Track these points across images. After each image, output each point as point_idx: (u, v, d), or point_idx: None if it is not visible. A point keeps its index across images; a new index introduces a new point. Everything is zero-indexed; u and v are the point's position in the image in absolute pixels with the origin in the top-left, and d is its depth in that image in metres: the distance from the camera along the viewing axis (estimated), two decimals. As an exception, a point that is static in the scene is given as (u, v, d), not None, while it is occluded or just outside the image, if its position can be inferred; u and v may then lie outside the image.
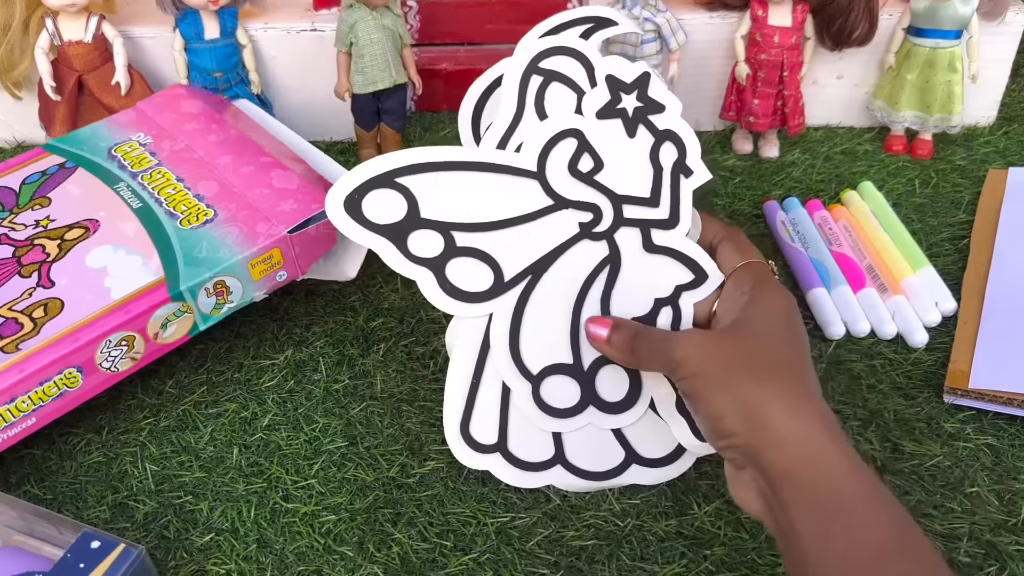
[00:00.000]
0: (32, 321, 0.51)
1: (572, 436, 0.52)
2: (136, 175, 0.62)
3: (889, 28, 0.81)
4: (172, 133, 0.67)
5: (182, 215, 0.58)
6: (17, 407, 0.49)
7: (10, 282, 0.54)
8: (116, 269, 0.55)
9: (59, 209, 0.59)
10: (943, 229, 0.74)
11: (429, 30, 0.88)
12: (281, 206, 0.59)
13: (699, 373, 0.45)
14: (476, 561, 0.50)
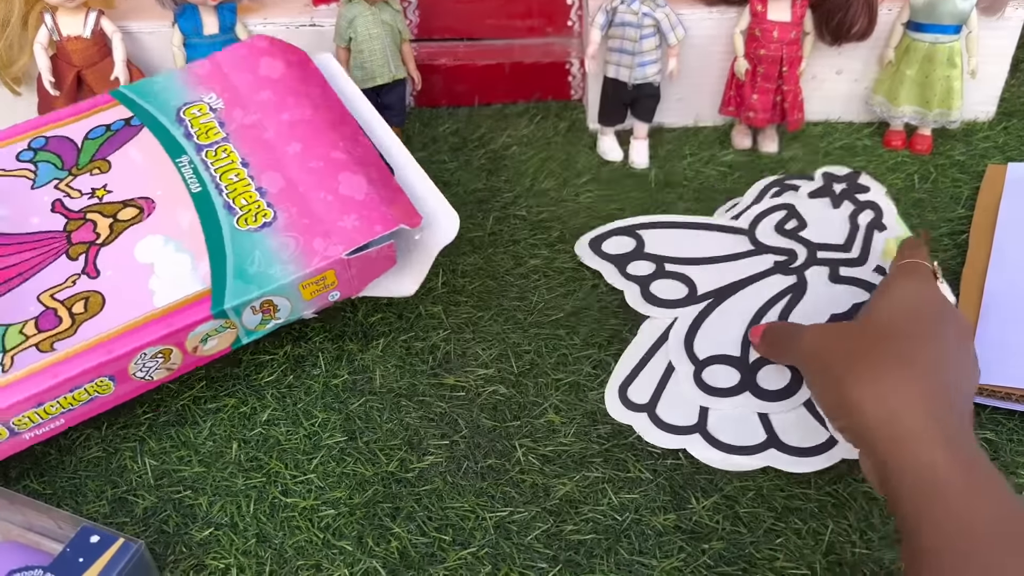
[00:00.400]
0: (71, 317, 0.49)
1: (717, 412, 0.56)
2: (201, 149, 0.57)
3: (888, 23, 0.80)
4: (245, 100, 0.61)
5: (241, 211, 0.54)
6: (46, 410, 0.48)
7: (57, 262, 0.51)
8: (163, 268, 0.52)
9: (117, 178, 0.55)
10: (942, 224, 0.74)
11: (428, 25, 0.88)
12: (343, 221, 0.55)
13: (808, 360, 0.48)
14: (475, 555, 0.50)
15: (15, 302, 0.49)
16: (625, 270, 0.66)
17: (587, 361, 0.62)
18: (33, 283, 0.50)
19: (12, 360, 0.46)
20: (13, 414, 0.45)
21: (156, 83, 0.62)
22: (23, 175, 0.55)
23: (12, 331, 0.47)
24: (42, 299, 0.49)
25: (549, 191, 0.78)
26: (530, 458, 0.55)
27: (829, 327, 0.51)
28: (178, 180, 0.56)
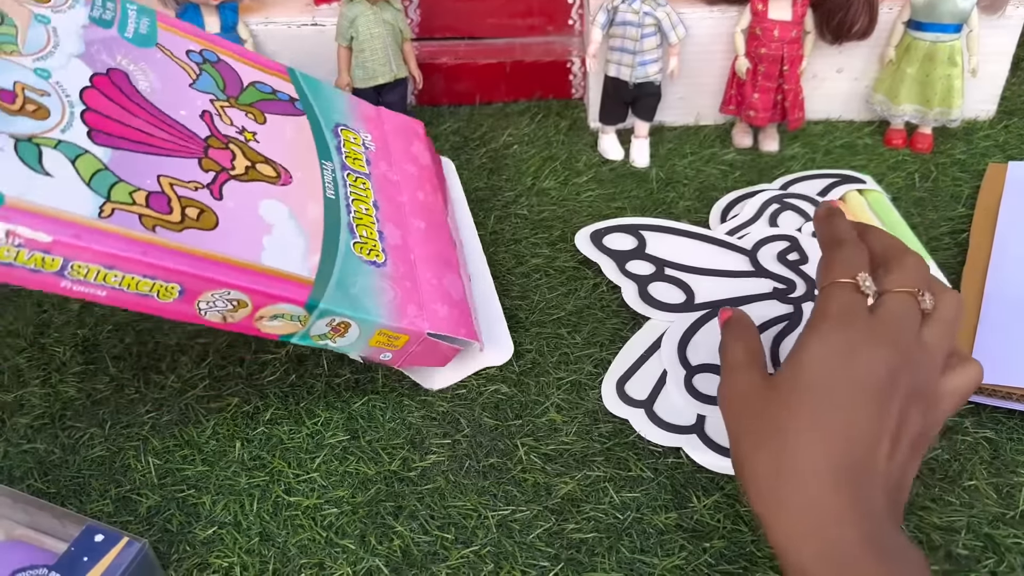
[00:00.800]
0: (182, 215, 0.45)
1: (714, 420, 0.56)
2: (345, 168, 0.57)
3: (889, 22, 0.81)
4: (392, 160, 0.63)
5: (360, 238, 0.54)
6: (108, 275, 0.42)
7: (188, 161, 0.48)
8: (279, 236, 0.49)
9: (267, 136, 0.54)
10: (943, 223, 0.74)
11: (429, 24, 0.88)
12: (437, 306, 0.56)
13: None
14: (477, 554, 0.50)
15: (135, 165, 0.45)
16: (624, 267, 0.66)
17: (588, 360, 0.62)
18: (159, 161, 0.47)
19: (112, 211, 0.42)
20: (82, 258, 0.40)
21: (326, 89, 0.64)
22: (186, 69, 0.53)
23: (122, 187, 0.43)
24: (162, 181, 0.46)
25: (550, 190, 0.79)
26: (532, 457, 0.55)
27: (741, 378, 0.43)
28: (318, 176, 0.55)
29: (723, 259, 0.67)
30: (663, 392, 0.58)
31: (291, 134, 0.56)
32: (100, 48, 0.49)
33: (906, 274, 0.41)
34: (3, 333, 0.65)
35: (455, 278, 0.59)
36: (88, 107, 0.45)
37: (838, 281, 0.41)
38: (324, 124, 0.59)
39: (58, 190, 0.40)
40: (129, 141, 0.46)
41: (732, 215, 0.74)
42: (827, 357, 0.39)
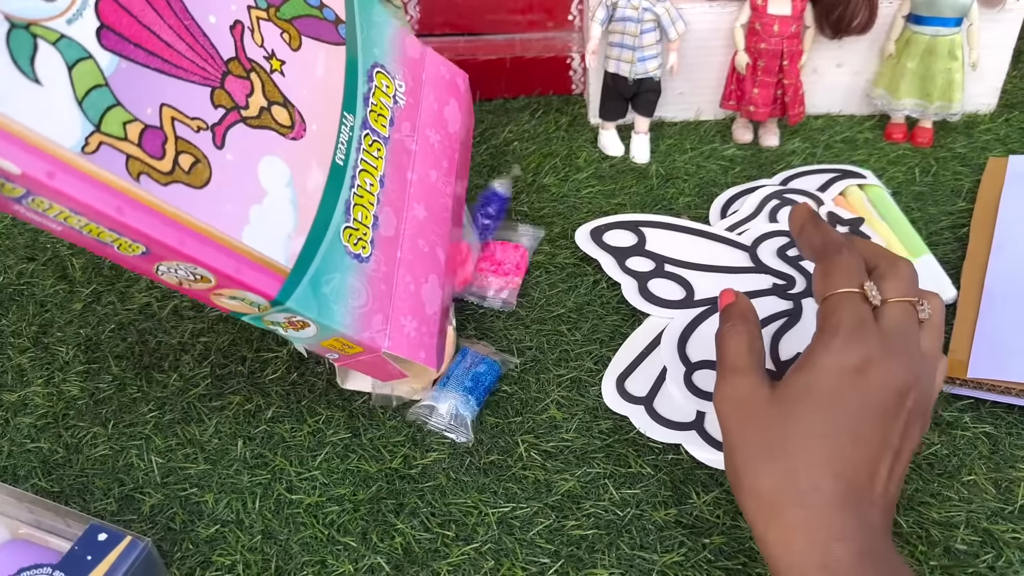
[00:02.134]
0: (173, 163, 0.39)
1: (714, 416, 0.55)
2: (365, 126, 0.50)
3: (889, 16, 0.80)
4: (417, 124, 0.55)
5: (352, 223, 0.48)
6: (69, 218, 0.36)
7: (200, 91, 0.41)
8: (269, 207, 0.43)
9: (295, 69, 0.46)
10: (943, 217, 0.74)
11: (429, 21, 0.88)
12: (405, 320, 0.50)
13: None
14: (478, 551, 0.51)
15: (140, 84, 0.38)
16: (624, 263, 0.66)
17: (588, 357, 0.62)
18: (167, 83, 0.39)
19: (99, 146, 0.35)
20: (48, 196, 0.35)
21: (376, 13, 0.53)
22: None
23: (117, 113, 0.36)
24: (163, 113, 0.39)
25: (550, 186, 0.79)
26: (532, 454, 0.56)
27: (743, 382, 0.42)
28: (334, 133, 0.48)
29: (723, 255, 0.68)
30: (663, 389, 0.58)
31: (322, 70, 0.48)
32: None
33: (903, 282, 0.41)
34: (6, 333, 0.65)
35: (436, 282, 0.54)
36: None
37: (845, 291, 0.40)
38: (362, 61, 0.51)
39: (43, 106, 0.33)
40: (142, 50, 0.38)
41: (732, 211, 0.74)
42: (840, 373, 0.38)
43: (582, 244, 0.69)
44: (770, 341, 0.60)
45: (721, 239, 0.69)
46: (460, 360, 0.59)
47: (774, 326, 0.61)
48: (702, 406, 0.57)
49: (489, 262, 0.67)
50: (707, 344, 0.60)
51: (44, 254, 0.72)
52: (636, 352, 0.61)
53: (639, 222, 0.70)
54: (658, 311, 0.63)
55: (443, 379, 0.58)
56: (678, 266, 0.66)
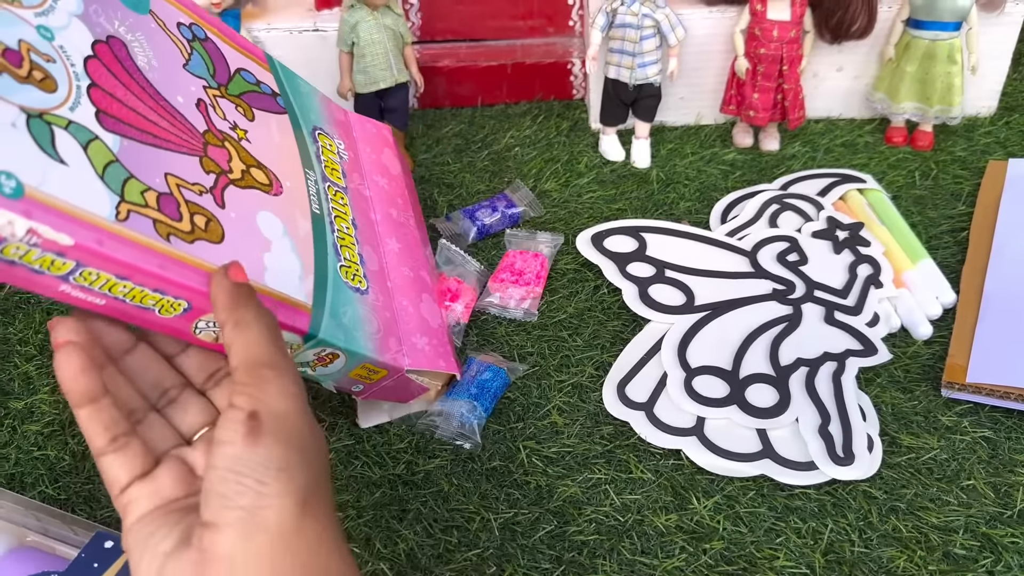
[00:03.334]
0: (191, 224, 0.41)
1: (714, 422, 0.57)
2: (326, 180, 0.52)
3: (888, 20, 0.81)
4: (364, 172, 0.58)
5: (345, 261, 0.50)
6: (115, 286, 0.37)
7: (190, 159, 0.43)
8: (278, 254, 0.45)
9: (257, 136, 0.48)
10: (943, 221, 0.74)
11: (430, 27, 0.89)
12: (416, 339, 0.52)
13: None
14: (480, 556, 0.51)
15: (144, 158, 0.40)
16: (625, 269, 0.67)
17: (589, 362, 0.62)
18: (165, 156, 0.41)
19: (128, 214, 0.37)
20: (96, 265, 0.35)
21: (302, 85, 0.57)
22: (179, 46, 0.47)
23: (134, 184, 0.38)
24: (169, 181, 0.41)
25: (551, 192, 0.79)
26: (534, 460, 0.56)
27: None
28: (304, 187, 0.50)
29: (723, 260, 0.68)
30: (663, 394, 0.58)
31: (277, 136, 0.51)
32: (98, 9, 0.42)
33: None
34: (13, 341, 0.66)
35: (430, 300, 0.57)
36: (93, 82, 0.39)
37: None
38: (304, 126, 0.54)
39: (74, 182, 0.36)
40: (136, 129, 0.40)
41: (732, 216, 0.74)
42: None
43: (583, 250, 0.69)
44: (770, 346, 0.61)
45: (721, 244, 0.69)
46: (465, 369, 0.59)
47: (774, 331, 0.62)
48: (702, 411, 0.57)
49: (510, 272, 0.67)
50: (707, 351, 0.61)
51: (50, 262, 0.73)
52: (637, 358, 0.61)
53: (640, 227, 0.71)
54: (659, 316, 0.63)
55: (449, 389, 0.59)
56: (678, 271, 0.67)
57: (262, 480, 0.31)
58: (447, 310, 0.63)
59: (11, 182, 0.33)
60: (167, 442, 0.37)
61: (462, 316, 0.64)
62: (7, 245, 0.33)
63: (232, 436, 0.32)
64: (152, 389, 0.39)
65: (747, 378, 0.59)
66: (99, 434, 0.34)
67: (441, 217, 0.75)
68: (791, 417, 0.56)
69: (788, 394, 0.57)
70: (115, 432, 0.34)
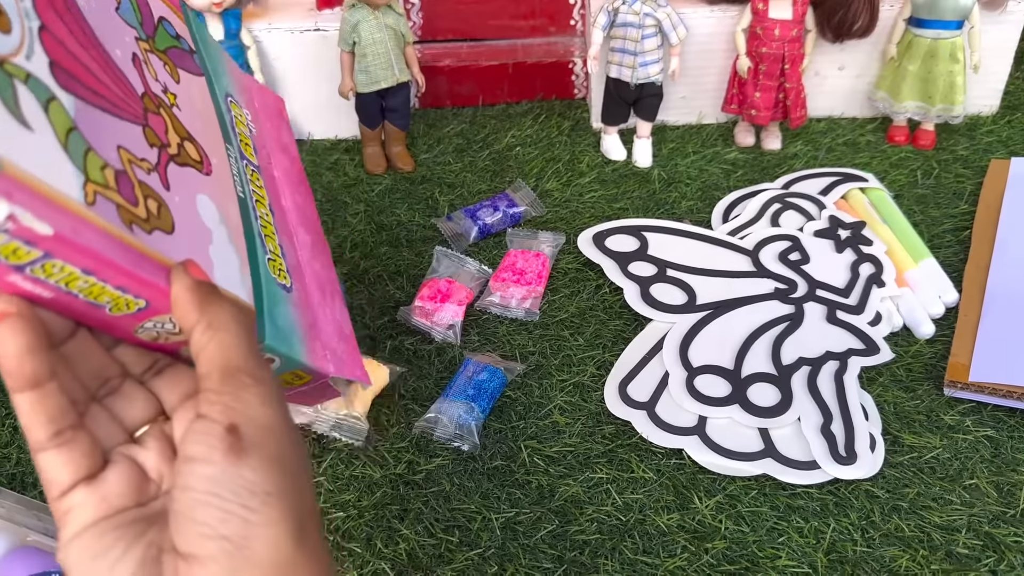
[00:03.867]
0: (146, 209, 0.35)
1: (715, 421, 0.57)
2: (243, 157, 0.45)
3: (890, 19, 0.81)
4: (269, 151, 0.51)
5: (270, 253, 0.43)
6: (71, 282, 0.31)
7: (134, 128, 0.36)
8: (219, 248, 0.39)
9: (184, 103, 0.42)
10: (945, 220, 0.74)
11: (431, 27, 0.88)
12: (335, 343, 0.47)
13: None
14: (482, 556, 0.51)
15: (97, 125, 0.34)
16: (627, 268, 0.67)
17: (591, 362, 0.62)
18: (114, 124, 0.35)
19: (95, 197, 0.31)
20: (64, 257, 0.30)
21: (211, 41, 0.49)
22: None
23: (94, 159, 0.32)
24: (122, 155, 0.35)
25: (553, 191, 0.79)
26: (535, 459, 0.56)
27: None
28: (227, 166, 0.43)
29: (725, 259, 0.68)
30: (665, 394, 0.58)
31: (199, 103, 0.44)
32: None
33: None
34: (14, 341, 0.66)
35: (340, 303, 0.50)
36: (44, 24, 0.33)
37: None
38: (218, 91, 0.46)
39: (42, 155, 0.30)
40: (87, 89, 0.34)
41: (734, 215, 0.74)
42: None
43: (584, 249, 0.69)
44: (772, 345, 0.61)
45: (723, 243, 0.69)
46: (461, 371, 0.59)
47: (776, 330, 0.62)
48: (704, 411, 0.57)
49: (511, 271, 0.67)
50: (709, 349, 0.61)
51: (51, 262, 0.73)
52: (638, 357, 0.61)
53: (641, 227, 0.71)
54: (660, 316, 0.63)
55: (445, 390, 0.58)
56: (680, 271, 0.66)
57: (248, 506, 0.27)
58: (437, 311, 0.63)
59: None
60: (114, 438, 0.32)
61: (456, 315, 0.64)
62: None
63: (208, 453, 0.27)
64: (93, 378, 0.33)
65: (749, 377, 0.59)
66: (41, 425, 0.29)
67: (442, 217, 0.75)
68: (793, 416, 0.56)
69: (790, 393, 0.57)
70: (60, 425, 0.29)
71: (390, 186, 0.80)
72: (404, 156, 0.82)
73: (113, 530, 0.28)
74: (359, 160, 0.84)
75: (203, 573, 0.26)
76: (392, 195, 0.79)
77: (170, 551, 0.27)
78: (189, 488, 0.27)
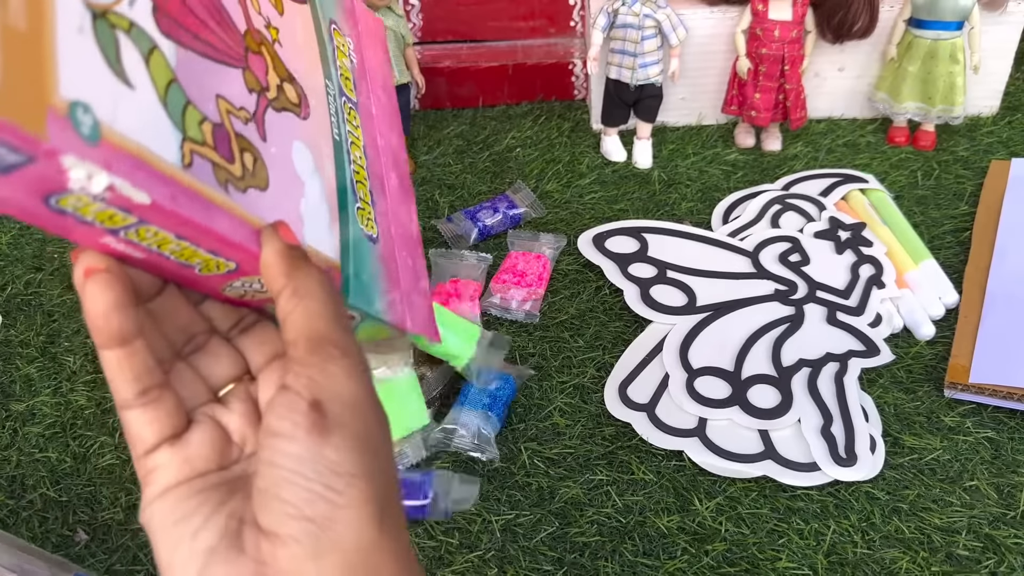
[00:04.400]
0: (242, 165, 0.33)
1: (715, 423, 0.57)
2: (342, 93, 0.43)
3: (890, 20, 0.80)
4: (370, 84, 0.47)
5: (360, 202, 0.41)
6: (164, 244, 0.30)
7: (234, 72, 0.34)
8: (311, 200, 0.37)
9: (287, 38, 0.39)
10: (945, 221, 0.74)
11: (431, 28, 0.88)
12: (414, 298, 0.44)
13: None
14: (482, 558, 0.51)
15: (197, 75, 0.32)
16: (627, 270, 0.67)
17: (591, 363, 0.62)
18: (214, 71, 0.33)
19: (192, 158, 0.30)
20: (159, 223, 0.29)
21: None
22: None
23: (192, 114, 0.31)
24: (220, 106, 0.33)
25: (553, 193, 0.79)
26: (535, 461, 0.56)
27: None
28: (325, 105, 0.41)
29: (725, 261, 0.68)
30: (665, 395, 0.58)
31: (301, 35, 0.41)
32: None
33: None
34: (14, 343, 0.66)
35: (421, 259, 0.47)
36: None
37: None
38: (322, 18, 0.44)
39: (142, 114, 0.28)
40: (188, 33, 0.32)
41: (734, 216, 0.74)
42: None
43: (584, 251, 0.69)
44: (772, 346, 0.61)
45: (723, 245, 0.69)
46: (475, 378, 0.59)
47: (776, 332, 0.62)
48: (704, 412, 0.57)
49: (511, 273, 0.67)
50: (709, 350, 0.61)
51: (51, 264, 0.73)
52: (638, 359, 0.61)
53: (641, 228, 0.71)
54: (660, 317, 0.63)
55: (460, 399, 0.58)
56: (680, 272, 0.66)
57: (333, 487, 0.27)
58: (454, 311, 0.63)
59: (88, 118, 0.25)
60: (198, 397, 0.32)
61: (473, 309, 0.65)
62: (68, 196, 0.26)
63: (292, 429, 0.27)
64: (180, 334, 0.33)
65: (749, 379, 0.59)
66: (128, 384, 0.29)
67: (442, 218, 0.75)
68: (793, 418, 0.56)
69: (790, 395, 0.57)
70: (146, 383, 0.29)
71: (390, 188, 0.80)
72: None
73: (196, 494, 0.28)
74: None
75: (286, 553, 0.26)
76: (392, 197, 0.79)
77: (251, 524, 0.27)
78: (275, 465, 0.27)
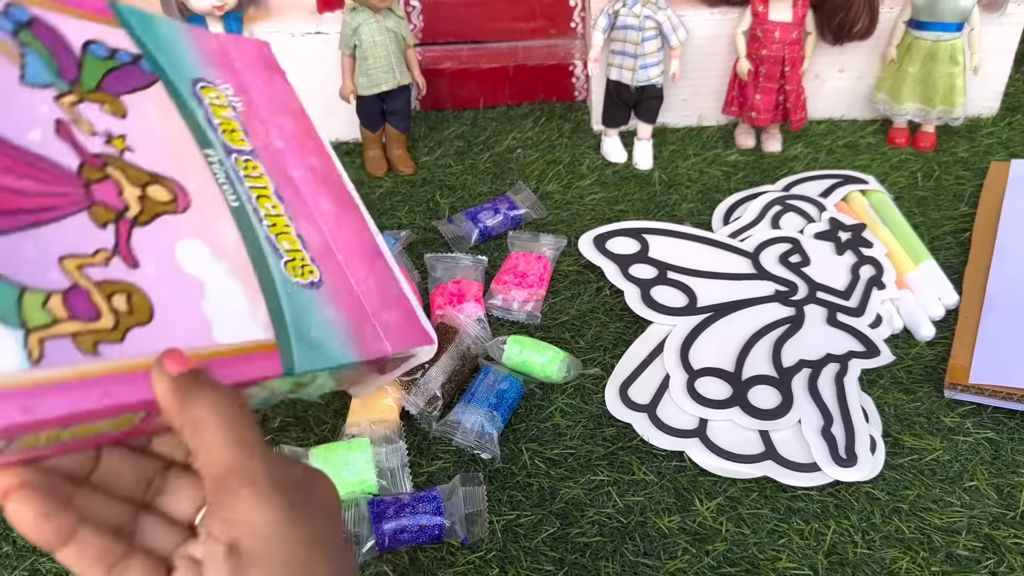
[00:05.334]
0: (113, 313, 0.31)
1: (716, 423, 0.57)
2: (230, 152, 0.41)
3: (890, 21, 0.81)
4: (264, 117, 0.45)
5: (287, 256, 0.39)
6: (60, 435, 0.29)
7: (78, 218, 0.32)
8: (215, 293, 0.35)
9: (137, 136, 0.37)
10: (945, 222, 0.74)
11: (432, 29, 0.89)
12: (385, 315, 0.42)
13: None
14: (483, 559, 0.51)
15: (26, 250, 0.30)
16: (627, 271, 0.67)
17: (592, 364, 0.62)
18: (49, 233, 0.32)
19: (42, 348, 0.28)
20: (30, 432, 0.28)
21: (161, 26, 0.42)
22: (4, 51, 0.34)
23: (32, 299, 0.29)
24: (66, 266, 0.31)
25: (553, 194, 0.79)
26: (536, 461, 0.56)
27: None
28: (210, 177, 0.39)
29: (725, 262, 0.68)
30: (666, 396, 0.59)
31: (158, 122, 0.39)
32: None
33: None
34: None
35: (384, 267, 0.45)
36: None
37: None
38: (181, 86, 0.41)
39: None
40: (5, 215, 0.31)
41: (735, 217, 0.74)
42: None
43: (585, 251, 0.69)
44: (772, 347, 0.61)
45: (723, 246, 0.70)
46: (482, 378, 0.59)
47: (776, 333, 0.62)
48: (705, 413, 0.57)
49: (512, 274, 0.67)
50: (710, 351, 0.61)
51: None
52: (639, 360, 0.61)
53: (642, 229, 0.71)
54: (661, 318, 0.64)
55: (467, 396, 0.58)
56: (681, 273, 0.67)
57: None
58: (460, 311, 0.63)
59: None
60: (172, 539, 0.31)
61: (480, 309, 0.65)
62: None
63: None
64: (135, 488, 0.32)
65: (749, 380, 0.59)
66: (91, 569, 0.29)
67: (443, 219, 0.75)
68: (794, 419, 0.56)
69: (791, 396, 0.58)
70: (109, 561, 0.29)
71: (391, 189, 0.81)
72: (405, 159, 0.82)
73: None
74: (360, 163, 0.84)
75: None
76: (393, 198, 0.79)
77: None
78: None
